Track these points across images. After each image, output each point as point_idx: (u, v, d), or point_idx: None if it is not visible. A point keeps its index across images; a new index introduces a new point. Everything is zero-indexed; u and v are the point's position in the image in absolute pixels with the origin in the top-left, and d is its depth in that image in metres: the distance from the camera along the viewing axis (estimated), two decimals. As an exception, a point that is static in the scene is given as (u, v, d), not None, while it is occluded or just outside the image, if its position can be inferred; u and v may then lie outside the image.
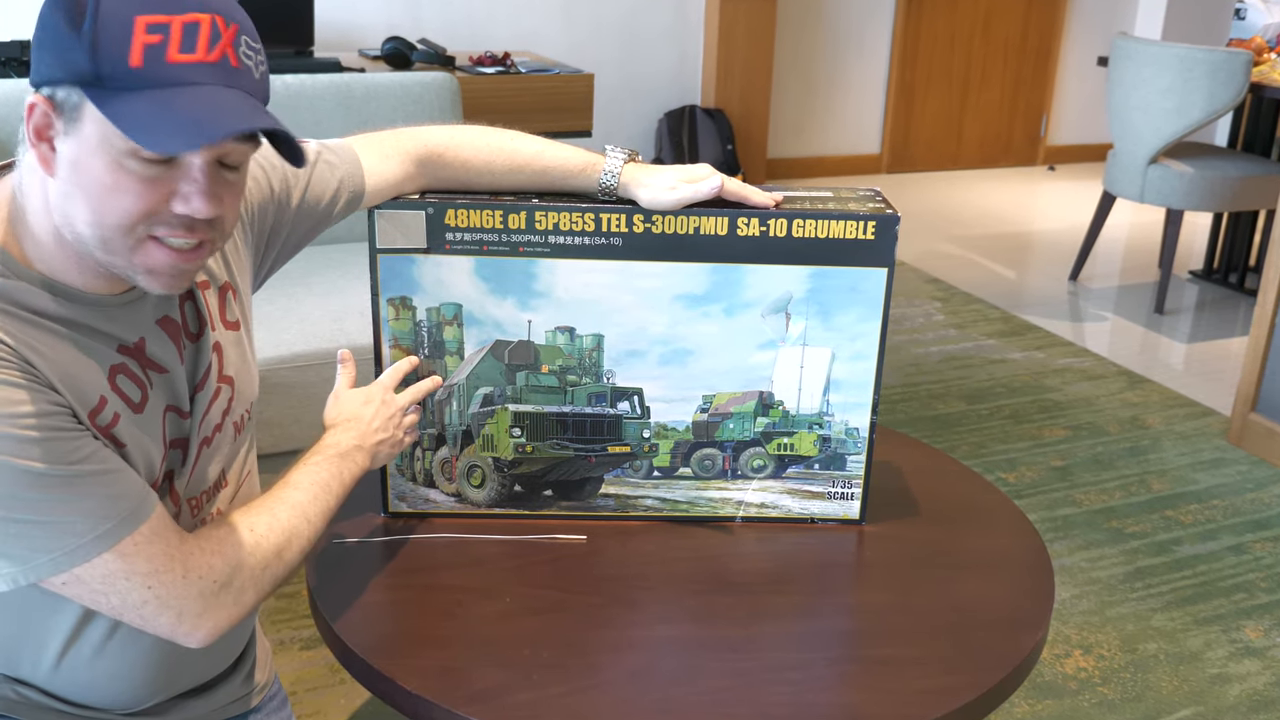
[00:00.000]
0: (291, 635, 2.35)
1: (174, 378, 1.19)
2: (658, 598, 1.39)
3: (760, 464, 1.52)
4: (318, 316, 2.55)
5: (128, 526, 1.06)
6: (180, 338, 1.20)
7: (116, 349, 1.13)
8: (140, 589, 1.08)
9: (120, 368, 1.13)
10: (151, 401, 1.15)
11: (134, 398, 1.13)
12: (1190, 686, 2.35)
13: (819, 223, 1.39)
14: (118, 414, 1.11)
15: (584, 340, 1.45)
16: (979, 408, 3.64)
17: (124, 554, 1.06)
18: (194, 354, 1.22)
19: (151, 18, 0.98)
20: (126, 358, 1.14)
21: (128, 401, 1.13)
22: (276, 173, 1.34)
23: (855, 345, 1.45)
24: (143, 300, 1.16)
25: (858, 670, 1.29)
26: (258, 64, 1.06)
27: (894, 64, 6.62)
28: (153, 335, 1.17)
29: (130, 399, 1.13)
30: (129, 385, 1.13)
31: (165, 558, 1.09)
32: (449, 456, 1.50)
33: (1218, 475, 3.27)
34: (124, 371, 1.13)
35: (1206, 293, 4.94)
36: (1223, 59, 4.26)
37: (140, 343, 1.15)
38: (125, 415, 1.12)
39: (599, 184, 1.40)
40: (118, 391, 1.12)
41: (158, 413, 1.17)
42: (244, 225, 1.31)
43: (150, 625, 1.11)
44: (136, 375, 1.14)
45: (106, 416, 1.10)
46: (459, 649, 1.27)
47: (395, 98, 3.06)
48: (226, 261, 1.29)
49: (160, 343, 1.17)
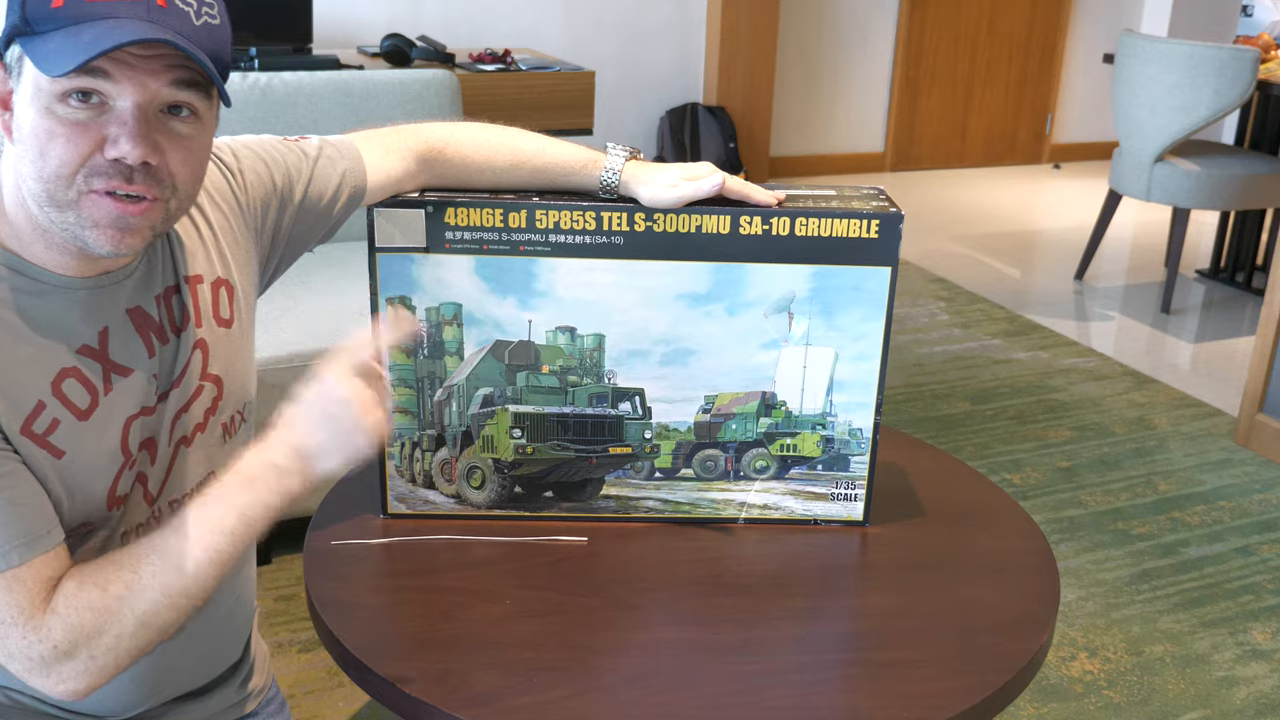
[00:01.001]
0: (290, 638, 2.35)
1: (139, 378, 1.16)
2: (659, 600, 1.39)
3: (763, 465, 1.51)
4: (316, 316, 2.55)
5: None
6: (149, 331, 1.18)
7: (77, 349, 1.11)
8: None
9: (71, 371, 1.10)
10: (104, 409, 1.13)
11: (80, 404, 1.11)
12: (1197, 689, 2.35)
13: (822, 221, 1.39)
14: (57, 420, 1.09)
15: (585, 340, 1.45)
16: (983, 408, 3.64)
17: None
18: (171, 351, 1.20)
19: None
20: (84, 359, 1.12)
21: (71, 408, 1.10)
22: (279, 168, 1.33)
23: (859, 345, 1.45)
24: (115, 287, 1.14)
25: (861, 673, 1.29)
26: (199, 11, 1.04)
27: (898, 61, 6.61)
28: (119, 326, 1.15)
29: (75, 405, 1.11)
30: (76, 391, 1.11)
31: (14, 610, 1.04)
32: (448, 458, 1.50)
33: (1225, 476, 3.27)
34: (74, 375, 1.11)
35: (1213, 292, 4.94)
36: (1230, 56, 4.25)
37: (103, 337, 1.13)
38: (66, 422, 1.10)
39: (600, 182, 1.40)
40: (60, 397, 1.10)
41: (116, 421, 1.14)
42: (245, 220, 1.30)
43: (10, 667, 1.07)
44: (89, 381, 1.12)
45: (43, 423, 1.08)
46: (459, 652, 1.27)
47: (394, 95, 3.06)
48: (224, 256, 1.27)
49: (125, 336, 1.15)
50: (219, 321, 1.26)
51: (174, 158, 1.06)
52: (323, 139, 1.38)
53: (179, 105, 1.06)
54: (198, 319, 1.23)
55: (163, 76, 1.03)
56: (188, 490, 1.24)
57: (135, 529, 1.19)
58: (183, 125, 1.06)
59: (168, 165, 1.06)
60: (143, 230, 1.07)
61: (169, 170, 1.06)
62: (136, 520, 1.20)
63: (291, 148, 1.35)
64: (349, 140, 1.39)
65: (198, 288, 1.24)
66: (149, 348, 1.18)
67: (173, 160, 1.06)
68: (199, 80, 1.05)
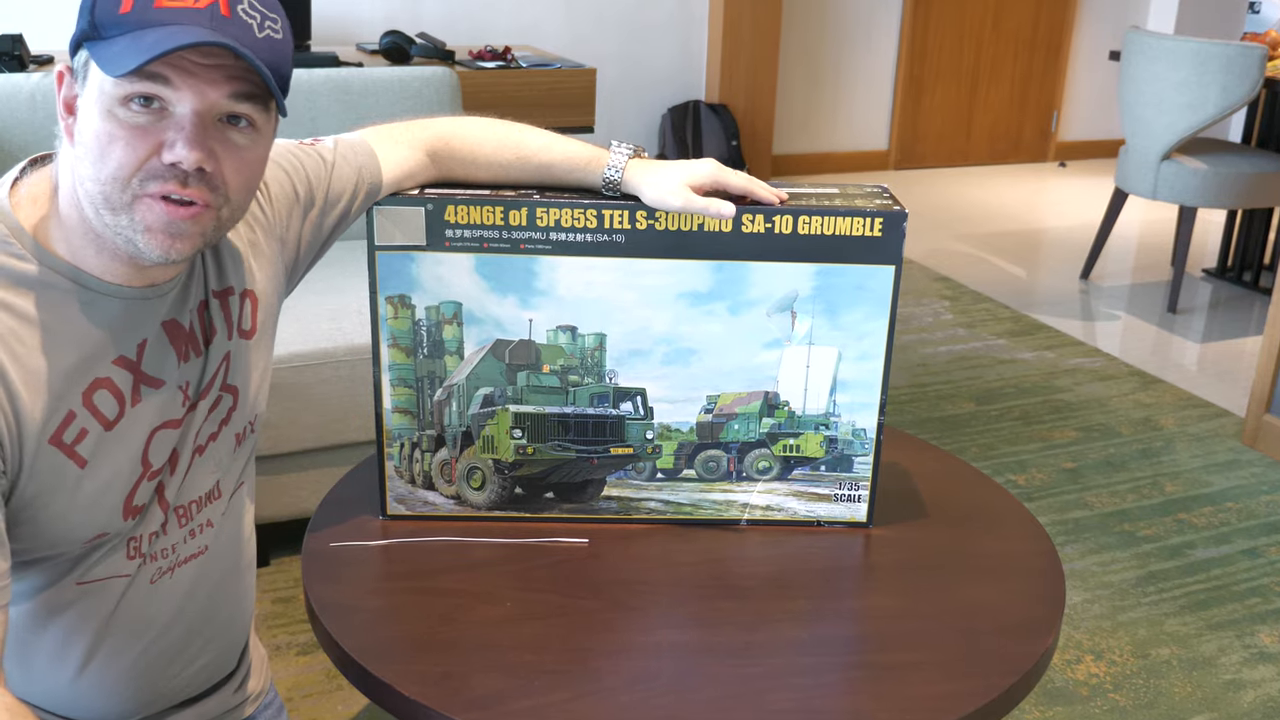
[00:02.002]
0: (288, 640, 2.35)
1: (168, 391, 1.18)
2: (661, 602, 1.39)
3: (765, 466, 1.51)
4: (315, 315, 2.55)
5: None
6: (182, 343, 1.20)
7: (114, 359, 1.12)
8: None
9: (104, 382, 1.12)
10: (128, 419, 1.14)
11: (108, 414, 1.12)
12: (1204, 693, 2.35)
13: (825, 219, 1.39)
14: (85, 430, 1.10)
15: (586, 339, 1.44)
16: (988, 409, 3.64)
17: None
18: (200, 363, 1.22)
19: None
20: (118, 370, 1.13)
21: (100, 418, 1.12)
22: (299, 176, 1.34)
23: (862, 344, 1.45)
24: (158, 300, 1.16)
25: (865, 676, 1.28)
26: (261, 24, 1.06)
27: (902, 58, 6.61)
28: (154, 338, 1.16)
29: (104, 415, 1.12)
30: (106, 401, 1.12)
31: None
32: (448, 458, 1.50)
33: (1232, 477, 3.26)
34: (106, 386, 1.12)
35: (1220, 291, 4.93)
36: (1237, 53, 4.25)
37: (140, 349, 1.14)
38: (93, 432, 1.11)
39: (603, 179, 1.40)
40: (90, 407, 1.11)
41: (140, 432, 1.15)
42: (270, 230, 1.31)
43: None
44: (120, 391, 1.13)
45: (72, 433, 1.09)
46: (458, 654, 1.26)
47: (394, 93, 3.05)
48: (250, 268, 1.29)
49: (160, 348, 1.17)
50: (241, 333, 1.27)
51: (228, 166, 1.08)
52: (336, 139, 1.40)
53: (237, 116, 1.07)
54: (227, 331, 1.25)
55: (222, 87, 1.05)
56: (197, 497, 1.25)
57: (149, 536, 1.20)
58: (240, 136, 1.08)
59: (222, 173, 1.08)
60: (193, 237, 1.08)
61: (223, 178, 1.08)
62: (150, 528, 1.20)
63: (309, 152, 1.36)
64: (361, 138, 1.41)
65: (228, 300, 1.25)
66: (179, 360, 1.19)
67: (227, 168, 1.08)
68: (257, 93, 1.07)
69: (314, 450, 2.52)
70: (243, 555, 1.36)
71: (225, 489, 1.29)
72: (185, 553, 1.25)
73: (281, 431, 2.45)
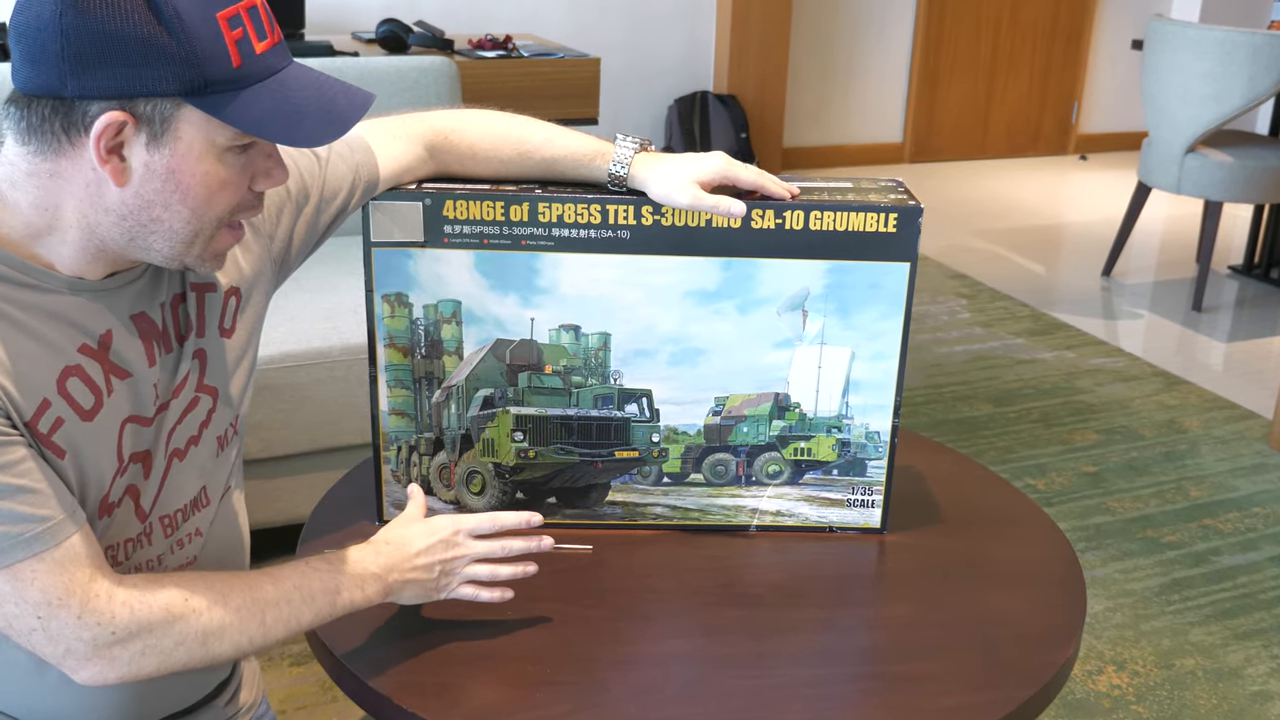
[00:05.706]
0: (281, 650, 2.35)
1: (138, 382, 1.17)
2: (667, 611, 1.39)
3: (776, 470, 1.51)
4: (309, 314, 2.55)
5: (27, 549, 1.05)
6: (152, 339, 1.19)
7: (78, 348, 1.12)
8: (29, 617, 1.07)
9: (75, 370, 1.12)
10: (106, 410, 1.14)
11: (84, 404, 1.13)
12: (1229, 705, 2.35)
13: (838, 215, 1.39)
14: (60, 419, 1.10)
15: (590, 339, 1.45)
16: (1007, 410, 3.64)
17: (18, 577, 1.05)
18: (173, 360, 1.22)
19: (225, 10, 1.04)
20: (86, 358, 1.13)
21: (75, 408, 1.12)
22: (292, 174, 1.34)
23: (876, 344, 1.45)
24: (120, 290, 1.16)
25: (879, 687, 1.28)
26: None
27: (917, 48, 6.61)
28: (122, 331, 1.16)
29: (80, 405, 1.12)
30: (81, 390, 1.12)
31: (63, 592, 1.07)
32: (447, 462, 1.50)
33: (1259, 482, 3.26)
34: (78, 374, 1.12)
35: (1247, 289, 4.93)
36: (1264, 42, 4.24)
37: (106, 338, 1.14)
38: (70, 421, 1.11)
39: (608, 174, 1.40)
40: (65, 396, 1.11)
41: (114, 423, 1.16)
42: (257, 228, 1.32)
43: (38, 652, 1.10)
44: (92, 380, 1.13)
45: (47, 421, 1.09)
46: (458, 665, 1.27)
47: (390, 83, 3.06)
48: (239, 266, 1.29)
49: (128, 340, 1.17)
50: (221, 331, 1.27)
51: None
52: None
53: None
54: (200, 328, 1.25)
55: None
56: (181, 506, 1.25)
57: (124, 544, 1.20)
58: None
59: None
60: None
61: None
62: (126, 535, 1.20)
63: (302, 150, 1.36)
64: (356, 132, 1.40)
65: (206, 295, 1.25)
66: (150, 355, 1.19)
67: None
68: None
69: (308, 454, 2.52)
70: (235, 564, 1.36)
71: (213, 495, 1.29)
72: (172, 564, 1.25)
73: (274, 434, 2.46)
